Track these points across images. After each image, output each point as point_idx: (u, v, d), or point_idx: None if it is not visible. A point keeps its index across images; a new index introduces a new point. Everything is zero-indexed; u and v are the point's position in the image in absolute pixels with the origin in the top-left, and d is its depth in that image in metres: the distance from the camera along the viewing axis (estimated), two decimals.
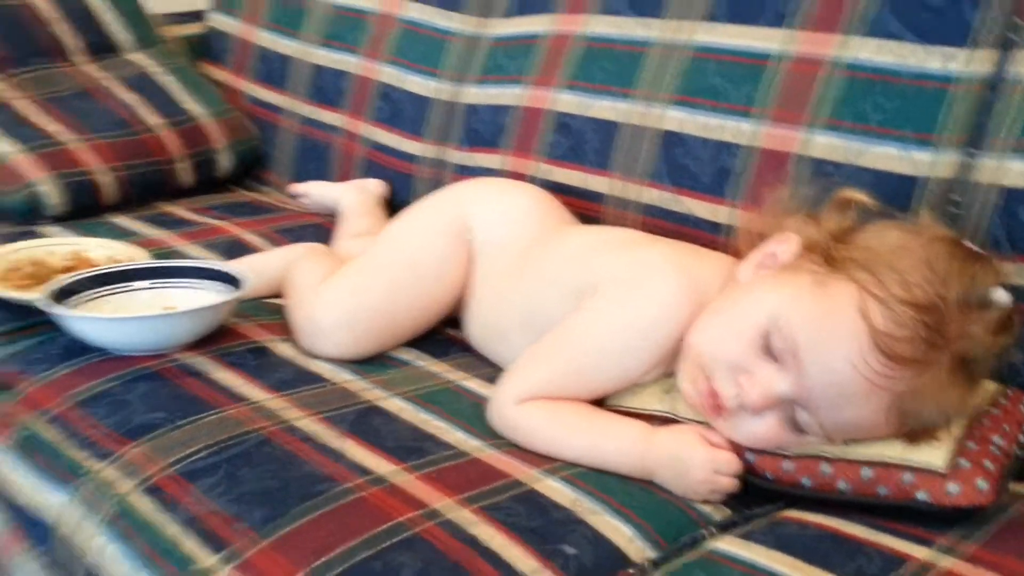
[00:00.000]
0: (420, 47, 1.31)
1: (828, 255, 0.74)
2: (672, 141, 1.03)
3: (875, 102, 0.91)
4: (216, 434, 0.76)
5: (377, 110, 1.35)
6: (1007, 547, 0.66)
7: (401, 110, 1.32)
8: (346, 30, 1.41)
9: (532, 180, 1.14)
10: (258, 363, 0.89)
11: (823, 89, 0.93)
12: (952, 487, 0.68)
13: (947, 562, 0.64)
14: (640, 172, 1.06)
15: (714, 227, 0.99)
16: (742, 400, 0.72)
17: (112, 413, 0.80)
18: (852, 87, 0.92)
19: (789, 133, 0.95)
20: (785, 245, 0.78)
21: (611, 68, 1.10)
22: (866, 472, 0.71)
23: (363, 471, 0.73)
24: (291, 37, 1.49)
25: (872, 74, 0.91)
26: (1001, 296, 0.72)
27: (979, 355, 0.71)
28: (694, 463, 0.74)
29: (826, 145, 0.92)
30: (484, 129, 1.21)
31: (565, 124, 1.13)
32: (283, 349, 0.93)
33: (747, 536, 0.69)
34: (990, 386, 0.78)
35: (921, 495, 0.68)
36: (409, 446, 0.77)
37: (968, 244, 0.75)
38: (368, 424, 0.80)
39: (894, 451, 0.71)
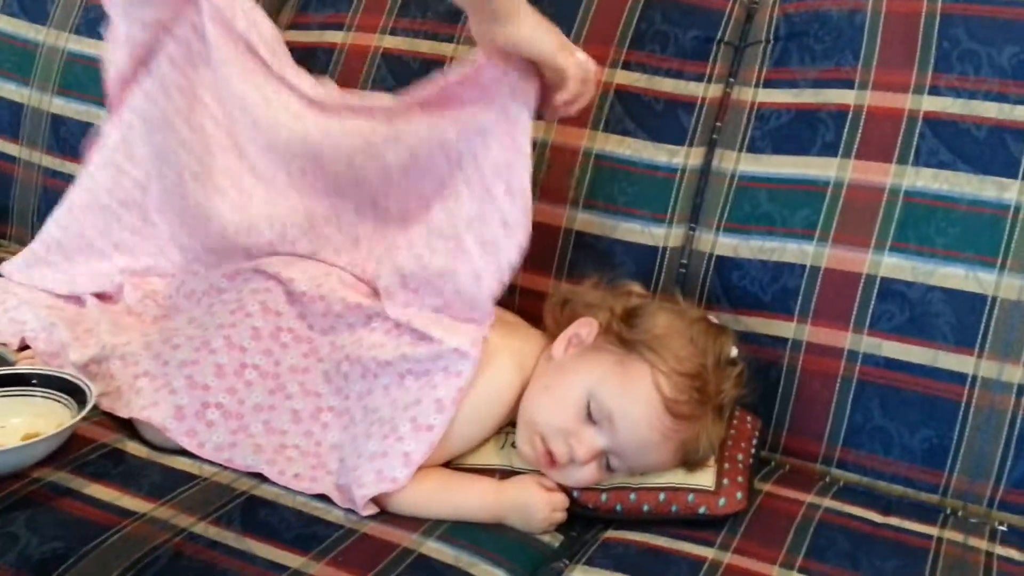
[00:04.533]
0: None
1: (621, 337, 0.96)
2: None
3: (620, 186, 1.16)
4: (127, 555, 0.81)
5: None
6: (752, 534, 0.95)
7: None
8: None
9: None
10: (120, 470, 0.93)
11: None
12: (721, 501, 0.94)
13: (725, 557, 0.91)
14: None
15: None
16: (573, 456, 0.93)
17: (4, 551, 0.81)
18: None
19: None
20: (587, 329, 0.99)
21: None
22: (661, 496, 0.96)
23: (279, 567, 0.83)
24: None
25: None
26: (735, 351, 1.00)
27: (729, 402, 0.98)
28: (537, 506, 0.94)
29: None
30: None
31: None
32: (134, 448, 0.97)
33: (590, 562, 0.91)
34: None
35: (702, 510, 0.94)
36: (304, 534, 0.88)
37: (712, 319, 1.02)
38: (256, 518, 0.89)
39: (678, 478, 0.96)
